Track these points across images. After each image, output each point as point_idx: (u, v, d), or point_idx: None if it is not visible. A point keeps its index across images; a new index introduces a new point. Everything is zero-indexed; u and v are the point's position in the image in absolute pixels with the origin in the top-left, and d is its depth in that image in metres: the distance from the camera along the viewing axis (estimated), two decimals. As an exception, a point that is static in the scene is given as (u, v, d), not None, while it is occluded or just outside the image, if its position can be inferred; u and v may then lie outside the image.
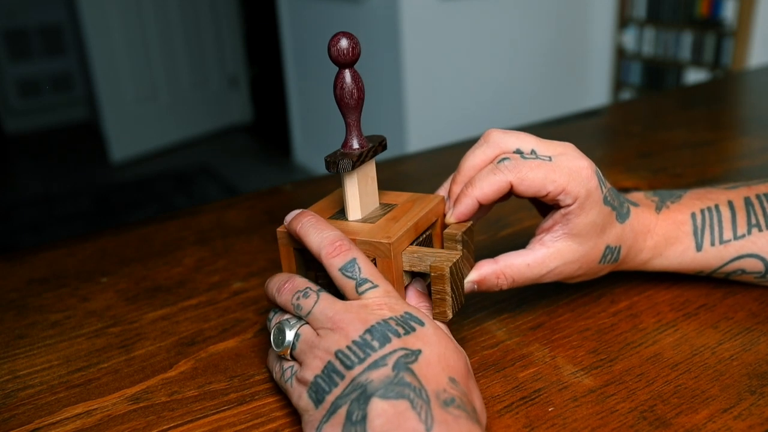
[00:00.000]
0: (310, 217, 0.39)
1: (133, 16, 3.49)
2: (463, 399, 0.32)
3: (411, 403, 0.30)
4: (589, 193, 0.40)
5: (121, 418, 0.39)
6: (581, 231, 0.41)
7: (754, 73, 1.35)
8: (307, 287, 0.38)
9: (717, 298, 0.48)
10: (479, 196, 0.40)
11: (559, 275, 0.42)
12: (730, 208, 0.46)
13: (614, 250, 0.43)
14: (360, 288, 0.36)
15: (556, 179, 0.39)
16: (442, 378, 0.32)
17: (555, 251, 0.41)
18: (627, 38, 3.02)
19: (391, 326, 0.34)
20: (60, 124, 4.34)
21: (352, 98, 0.39)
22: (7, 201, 3.22)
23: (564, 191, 0.39)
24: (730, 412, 0.37)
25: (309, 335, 0.36)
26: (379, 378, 0.31)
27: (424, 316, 0.36)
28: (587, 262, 0.42)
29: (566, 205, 0.40)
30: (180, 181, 3.34)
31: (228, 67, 4.07)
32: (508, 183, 0.40)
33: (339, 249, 0.37)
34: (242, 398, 0.40)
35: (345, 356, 0.33)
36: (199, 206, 0.70)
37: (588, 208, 0.40)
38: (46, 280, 0.56)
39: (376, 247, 0.38)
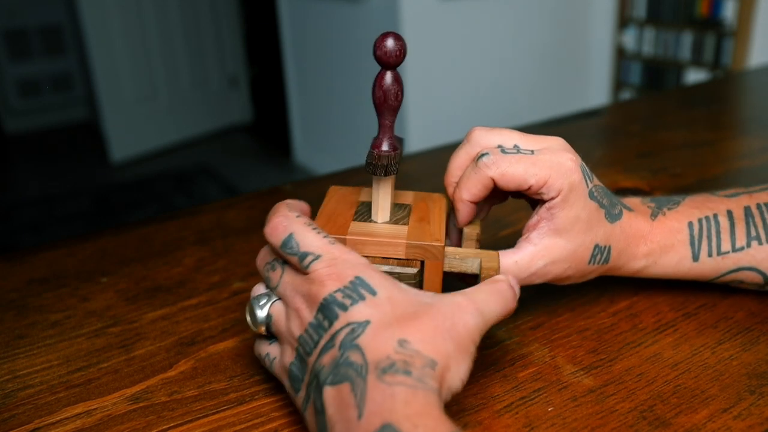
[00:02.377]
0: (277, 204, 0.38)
1: (133, 16, 3.49)
2: (410, 360, 0.29)
3: (351, 385, 0.29)
4: (572, 186, 0.39)
5: (121, 418, 0.39)
6: (566, 226, 0.40)
7: (754, 73, 1.35)
8: (274, 259, 0.36)
9: (717, 298, 0.48)
10: (469, 197, 0.41)
11: (547, 275, 0.41)
12: (729, 218, 0.45)
13: (604, 249, 0.42)
14: (303, 263, 0.34)
15: (537, 173, 0.39)
16: (390, 343, 0.30)
17: (542, 248, 0.41)
18: (627, 38, 3.02)
19: (337, 300, 0.32)
20: (60, 124, 4.34)
21: (396, 100, 0.38)
22: (7, 201, 3.22)
23: (546, 184, 0.39)
24: (730, 412, 0.37)
25: (279, 316, 0.36)
26: (328, 362, 0.31)
27: (380, 279, 0.33)
28: (576, 262, 0.41)
29: (550, 199, 0.40)
30: (180, 181, 3.35)
31: (228, 67, 4.07)
32: (489, 179, 0.40)
33: (275, 227, 0.35)
34: (242, 398, 0.40)
35: (305, 342, 0.33)
36: (199, 206, 0.70)
37: (572, 201, 0.40)
38: (46, 280, 0.56)
39: (426, 250, 0.38)
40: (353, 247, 0.38)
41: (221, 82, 4.06)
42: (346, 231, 0.39)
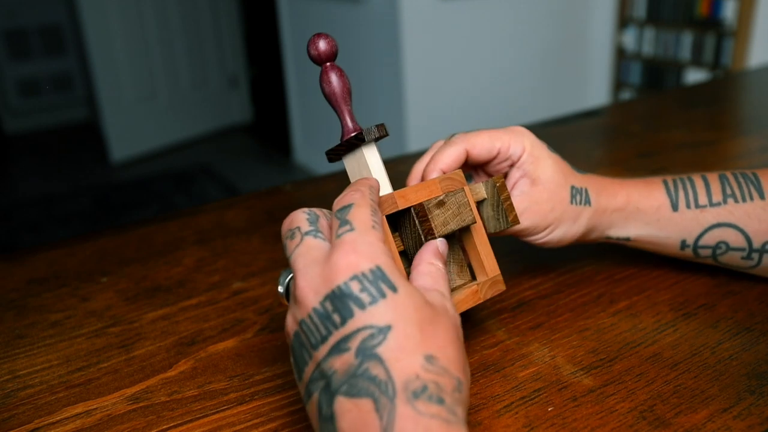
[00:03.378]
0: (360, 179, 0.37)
1: (133, 16, 3.49)
2: (440, 381, 0.28)
3: (375, 403, 0.27)
4: (533, 143, 0.45)
5: (121, 418, 0.39)
6: (540, 175, 0.45)
7: (754, 73, 1.35)
8: (297, 227, 0.33)
9: (717, 298, 0.48)
10: (443, 167, 0.44)
11: (534, 215, 0.44)
12: (703, 179, 0.48)
13: (581, 191, 0.46)
14: (339, 229, 0.31)
15: (500, 137, 0.45)
16: (416, 359, 0.28)
17: (524, 195, 0.45)
18: (627, 38, 3.02)
19: (354, 294, 0.29)
20: (60, 124, 4.33)
21: (344, 89, 0.40)
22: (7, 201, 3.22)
23: (510, 145, 0.45)
24: (730, 412, 0.37)
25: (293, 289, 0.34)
26: (342, 368, 0.28)
27: (400, 276, 0.31)
28: (558, 202, 0.45)
29: (518, 158, 0.45)
30: (180, 181, 3.34)
31: (228, 67, 4.07)
32: (463, 150, 0.44)
33: (347, 196, 0.34)
34: (242, 398, 0.40)
35: (308, 330, 0.30)
36: (199, 206, 0.70)
37: (537, 153, 0.45)
38: (46, 280, 0.56)
39: (454, 180, 0.41)
40: (402, 198, 0.38)
41: (221, 82, 4.06)
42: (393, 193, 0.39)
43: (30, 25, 4.06)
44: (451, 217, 0.39)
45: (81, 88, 4.28)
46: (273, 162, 3.60)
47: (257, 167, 3.54)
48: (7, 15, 3.96)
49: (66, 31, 4.15)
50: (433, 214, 0.39)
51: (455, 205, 0.40)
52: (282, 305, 0.50)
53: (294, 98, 3.39)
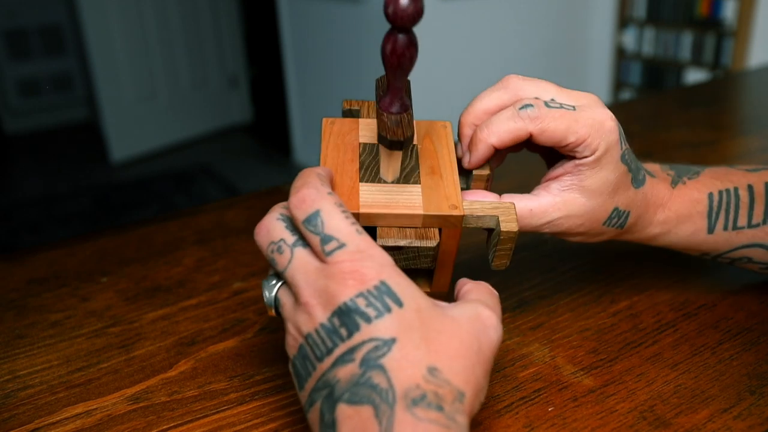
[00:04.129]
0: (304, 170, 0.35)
1: (133, 16, 3.48)
2: (440, 392, 0.28)
3: (375, 410, 0.27)
4: (608, 148, 0.38)
5: (121, 418, 0.39)
6: (592, 186, 0.39)
7: (754, 73, 1.35)
8: (281, 239, 0.32)
9: (717, 298, 0.48)
10: (495, 142, 0.38)
11: (558, 227, 0.40)
12: (749, 193, 0.44)
13: (622, 214, 0.41)
14: (325, 247, 0.30)
15: (578, 131, 0.37)
16: (419, 369, 0.28)
17: (560, 201, 0.39)
18: (627, 38, 3.02)
19: (360, 309, 0.29)
20: (60, 124, 4.33)
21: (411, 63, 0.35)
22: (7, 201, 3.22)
23: (584, 143, 0.37)
24: (730, 412, 0.37)
25: (287, 303, 0.33)
26: (345, 377, 0.29)
27: (405, 286, 0.30)
28: (591, 221, 0.40)
29: (583, 157, 0.38)
30: (180, 181, 3.34)
31: (228, 67, 4.07)
32: (527, 132, 0.37)
33: (303, 199, 0.32)
34: (242, 398, 0.40)
35: (314, 343, 0.30)
36: (199, 206, 0.70)
37: (604, 162, 0.38)
38: (46, 280, 0.56)
39: (445, 220, 0.36)
40: (365, 219, 0.35)
41: (221, 82, 4.05)
42: (357, 198, 0.36)
43: (30, 25, 4.06)
44: (402, 261, 0.36)
45: (81, 88, 4.28)
46: (273, 162, 3.60)
47: (257, 167, 3.54)
48: (7, 15, 3.96)
49: (66, 31, 4.15)
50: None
51: (414, 253, 0.36)
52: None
53: (294, 98, 3.39)
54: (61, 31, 4.15)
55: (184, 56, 3.80)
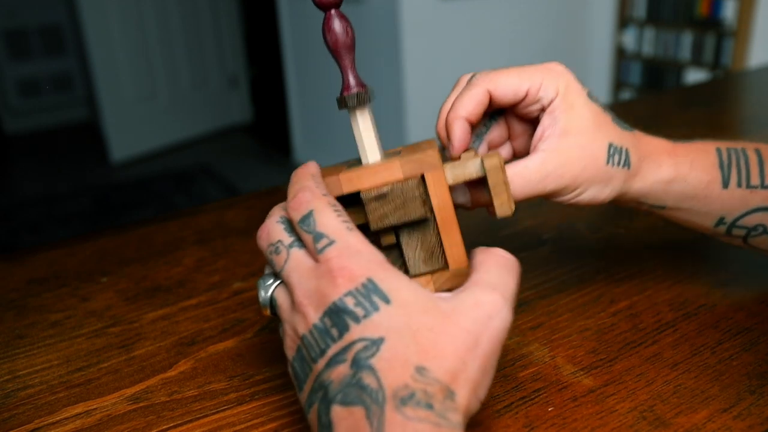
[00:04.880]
0: (298, 170, 0.36)
1: (133, 16, 3.49)
2: (430, 390, 0.28)
3: (366, 411, 0.27)
4: (568, 84, 0.39)
5: (121, 418, 0.39)
6: (572, 125, 0.39)
7: (754, 73, 1.35)
8: (279, 240, 0.33)
9: (717, 298, 0.48)
10: (464, 114, 0.39)
11: (562, 177, 0.39)
12: (757, 155, 0.43)
13: (620, 150, 0.40)
14: (317, 245, 0.31)
15: (530, 76, 0.39)
16: (407, 369, 0.28)
17: (551, 151, 0.39)
18: (627, 38, 3.02)
19: (348, 308, 0.29)
20: (60, 124, 4.33)
21: (347, 37, 0.38)
22: (7, 201, 3.22)
23: (542, 85, 0.39)
24: (730, 412, 0.37)
25: (283, 304, 0.33)
26: (338, 378, 0.29)
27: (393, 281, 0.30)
28: (591, 159, 0.39)
29: (549, 101, 0.39)
30: (180, 181, 3.34)
31: (228, 67, 4.07)
32: (485, 92, 0.39)
33: (299, 200, 0.33)
34: (242, 398, 0.40)
35: (309, 344, 0.31)
36: (199, 206, 0.70)
37: (572, 99, 0.39)
38: (46, 280, 0.56)
39: (423, 161, 0.35)
40: (348, 184, 0.36)
41: (221, 82, 4.06)
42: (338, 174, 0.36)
43: (30, 25, 4.06)
44: (392, 211, 0.36)
45: (81, 88, 4.28)
46: (273, 162, 3.60)
47: (257, 167, 3.54)
48: (7, 15, 3.96)
49: (66, 31, 4.15)
50: (370, 207, 0.36)
51: (400, 198, 0.36)
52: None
53: (294, 98, 3.39)
54: (61, 31, 4.15)
55: (184, 56, 3.80)
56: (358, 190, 0.36)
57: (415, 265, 0.38)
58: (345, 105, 0.38)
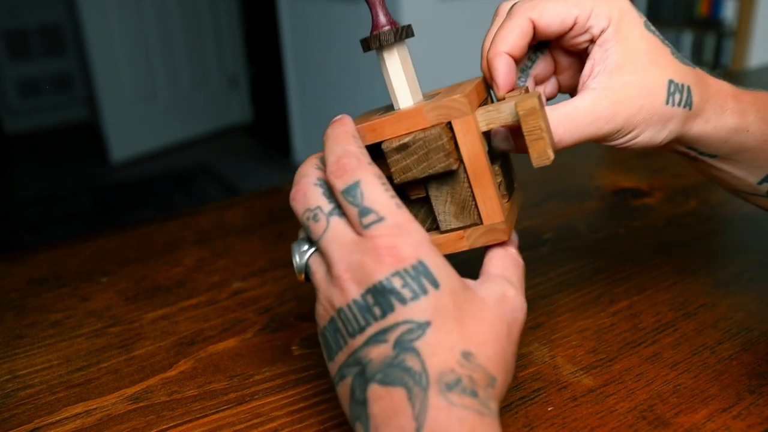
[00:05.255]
0: (336, 127, 0.33)
1: (133, 17, 3.49)
2: (475, 376, 0.28)
3: (408, 392, 0.27)
4: (622, 12, 0.35)
5: (121, 418, 0.39)
6: (626, 59, 0.35)
7: (754, 73, 1.35)
8: (317, 206, 0.31)
9: (717, 297, 0.48)
10: (507, 49, 0.35)
11: (616, 117, 0.35)
12: None
13: (682, 87, 0.35)
14: (363, 220, 0.30)
15: (578, 2, 0.35)
16: (453, 354, 0.28)
17: (605, 89, 0.35)
18: (627, 38, 3.02)
19: (395, 289, 0.28)
20: (60, 124, 4.33)
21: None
22: (7, 201, 3.22)
23: (592, 13, 0.34)
24: (730, 412, 0.37)
25: (318, 272, 0.32)
26: (378, 358, 0.28)
27: (442, 266, 0.29)
28: (649, 98, 0.35)
29: (600, 31, 0.35)
30: (180, 181, 3.34)
31: (228, 67, 4.07)
32: (528, 21, 0.35)
33: (343, 168, 0.30)
34: (242, 398, 0.40)
35: (346, 318, 0.30)
36: (199, 206, 0.70)
37: (626, 30, 0.35)
38: (46, 280, 0.56)
39: (450, 107, 0.32)
40: (369, 133, 0.33)
41: (221, 82, 4.06)
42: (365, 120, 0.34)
43: (30, 25, 4.06)
44: (415, 163, 0.33)
45: (81, 88, 4.28)
46: (273, 162, 3.60)
47: (257, 167, 3.54)
48: (7, 15, 3.96)
49: (66, 31, 4.15)
50: (391, 159, 0.33)
51: (423, 149, 0.33)
52: (284, 299, 0.50)
53: (294, 98, 3.39)
54: (61, 31, 4.15)
55: (184, 56, 3.80)
56: (381, 140, 0.34)
57: (445, 220, 0.35)
58: (368, 46, 0.34)
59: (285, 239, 0.61)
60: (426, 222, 0.37)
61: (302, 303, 0.50)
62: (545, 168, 0.68)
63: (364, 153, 0.31)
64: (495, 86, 0.36)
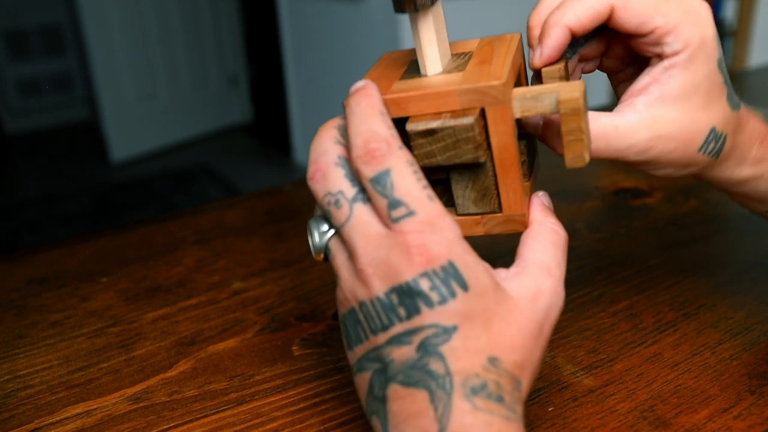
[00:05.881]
0: (361, 99, 0.30)
1: (133, 16, 3.49)
2: (501, 381, 0.27)
3: (431, 395, 0.26)
4: (704, 42, 0.32)
5: (121, 418, 0.39)
6: (683, 94, 0.32)
7: (754, 73, 1.35)
8: (339, 191, 0.29)
9: (717, 297, 0.48)
10: (572, 23, 0.32)
11: (648, 151, 0.33)
12: None
13: (720, 137, 0.34)
14: (393, 213, 0.28)
15: (668, 12, 0.32)
16: (479, 359, 0.27)
17: (649, 118, 0.33)
18: (627, 38, 3.02)
19: (423, 292, 0.27)
20: (60, 124, 4.33)
21: None
22: (7, 201, 3.22)
23: (674, 30, 0.32)
24: (730, 412, 0.37)
25: (339, 257, 0.30)
26: (400, 359, 0.27)
27: (472, 267, 0.28)
28: (686, 143, 0.33)
29: (672, 54, 0.32)
30: (180, 181, 3.34)
31: (228, 67, 4.07)
32: (608, 6, 0.32)
33: (372, 153, 0.28)
34: (242, 398, 0.40)
35: (368, 314, 0.28)
36: (199, 206, 0.70)
37: (699, 62, 0.32)
38: (46, 280, 0.56)
39: (485, 93, 0.30)
40: (395, 106, 0.31)
41: (221, 82, 4.05)
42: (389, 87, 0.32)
43: (30, 25, 4.06)
44: (441, 150, 0.31)
45: (81, 88, 4.28)
46: (273, 162, 3.60)
47: (257, 167, 3.54)
48: (7, 15, 3.96)
49: (66, 31, 4.15)
50: (416, 142, 0.31)
51: (451, 137, 0.30)
52: (284, 299, 0.50)
53: (294, 98, 3.39)
54: (61, 31, 4.15)
55: (184, 56, 3.80)
56: (404, 116, 0.31)
57: (463, 204, 0.34)
58: (401, 8, 0.31)
59: (285, 239, 0.61)
60: (442, 198, 0.35)
61: (302, 303, 0.50)
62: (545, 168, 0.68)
63: (395, 135, 0.29)
64: (535, 54, 0.34)
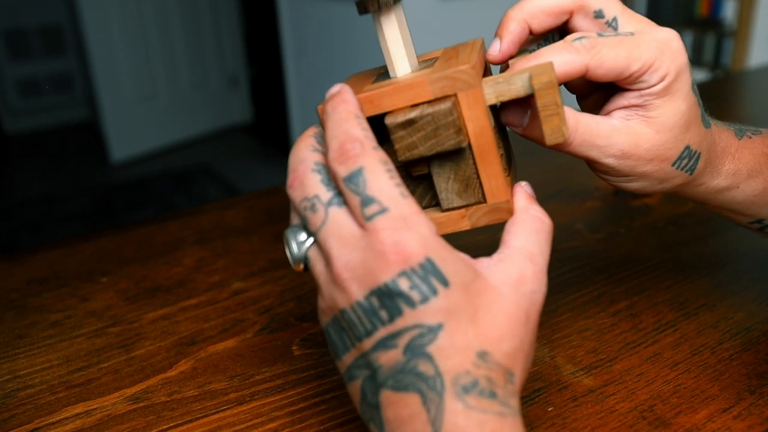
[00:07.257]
0: (337, 104, 0.30)
1: (133, 16, 3.49)
2: (492, 376, 0.27)
3: (422, 397, 0.26)
4: (678, 72, 0.33)
5: (121, 418, 0.39)
6: (662, 119, 0.34)
7: (754, 73, 1.35)
8: (315, 195, 0.29)
9: (717, 298, 0.48)
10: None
11: (620, 163, 0.34)
12: None
13: (693, 154, 0.35)
14: (365, 210, 0.27)
15: (641, 55, 0.32)
16: (468, 355, 0.27)
17: (626, 127, 0.34)
18: (627, 38, 3.02)
19: (403, 292, 0.26)
20: (60, 124, 4.33)
21: None
22: (7, 201, 3.22)
23: (651, 68, 0.33)
24: (730, 412, 0.37)
25: (318, 267, 0.30)
26: (388, 363, 0.27)
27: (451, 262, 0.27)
28: (660, 159, 0.35)
29: (650, 86, 0.33)
30: (180, 181, 3.34)
31: (228, 67, 4.07)
32: (583, 66, 0.33)
33: (347, 153, 0.28)
34: (242, 398, 0.40)
35: (351, 321, 0.28)
36: (199, 206, 0.70)
37: (675, 90, 0.33)
38: (46, 280, 0.56)
39: (456, 79, 0.30)
40: (369, 104, 0.31)
41: (221, 82, 4.06)
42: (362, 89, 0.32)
43: (30, 25, 4.06)
44: (422, 140, 0.31)
45: (81, 88, 4.28)
46: (273, 162, 3.60)
47: (257, 167, 3.54)
48: (7, 15, 3.96)
49: (66, 31, 4.15)
50: (396, 135, 0.31)
51: (431, 125, 0.30)
52: (284, 299, 0.50)
53: (294, 98, 3.39)
54: (61, 31, 4.15)
55: (184, 56, 3.80)
56: (379, 113, 0.31)
57: (447, 198, 0.34)
58: (365, 9, 0.31)
59: (285, 239, 0.61)
60: (424, 199, 0.35)
61: (302, 303, 0.50)
62: (545, 168, 0.68)
63: (369, 136, 0.29)
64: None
